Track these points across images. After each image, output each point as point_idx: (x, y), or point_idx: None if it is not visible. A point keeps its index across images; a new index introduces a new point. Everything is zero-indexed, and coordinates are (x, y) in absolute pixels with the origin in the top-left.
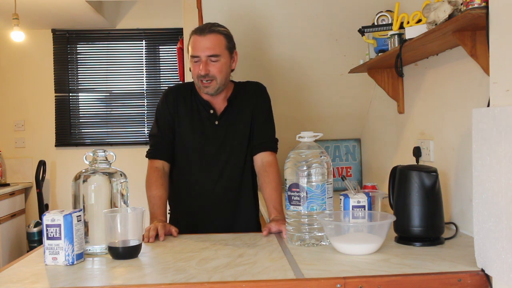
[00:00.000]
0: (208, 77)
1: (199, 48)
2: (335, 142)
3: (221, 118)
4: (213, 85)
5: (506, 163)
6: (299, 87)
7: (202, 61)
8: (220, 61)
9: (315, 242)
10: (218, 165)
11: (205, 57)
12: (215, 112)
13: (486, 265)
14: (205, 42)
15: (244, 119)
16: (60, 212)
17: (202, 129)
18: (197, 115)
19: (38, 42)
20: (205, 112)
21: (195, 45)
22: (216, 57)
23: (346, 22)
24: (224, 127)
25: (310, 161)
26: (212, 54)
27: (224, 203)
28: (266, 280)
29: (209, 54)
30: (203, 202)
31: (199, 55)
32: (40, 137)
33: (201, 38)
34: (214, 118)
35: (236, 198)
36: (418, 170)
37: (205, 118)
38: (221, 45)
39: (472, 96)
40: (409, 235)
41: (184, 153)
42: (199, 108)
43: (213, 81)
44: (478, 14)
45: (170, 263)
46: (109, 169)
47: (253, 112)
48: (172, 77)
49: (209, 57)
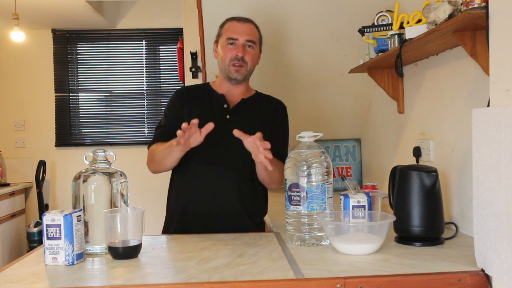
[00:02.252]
0: (242, 61)
1: (238, 31)
2: (335, 142)
3: (234, 114)
4: (243, 70)
5: (506, 163)
6: (299, 87)
7: (240, 43)
8: (254, 49)
9: (315, 242)
10: (224, 159)
11: (243, 40)
12: (229, 107)
13: (486, 265)
14: (245, 27)
15: (260, 122)
16: (60, 212)
17: (212, 120)
18: (209, 107)
19: (38, 42)
20: (218, 105)
21: (234, 29)
22: (253, 43)
23: (346, 22)
24: (235, 123)
25: (310, 161)
26: (250, 39)
27: (232, 198)
28: (266, 280)
29: (248, 39)
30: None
31: (238, 38)
32: (40, 137)
33: (240, 24)
34: (226, 112)
35: (244, 194)
36: (418, 170)
37: (217, 110)
38: (257, 36)
39: (472, 96)
40: (409, 235)
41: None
42: (212, 101)
43: (244, 67)
44: (478, 14)
45: (170, 263)
46: (109, 169)
47: (272, 122)
48: (172, 77)
49: (247, 42)
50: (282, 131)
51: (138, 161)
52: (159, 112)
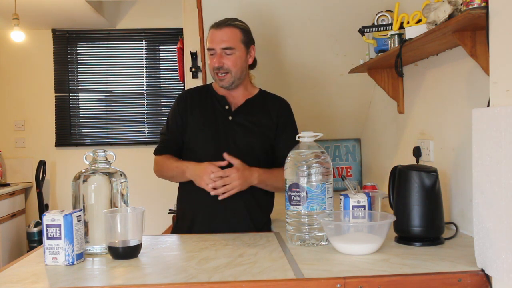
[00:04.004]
0: (223, 70)
1: (214, 41)
2: (335, 142)
3: (236, 115)
4: (228, 78)
5: (506, 163)
6: (299, 87)
7: (217, 53)
8: (234, 54)
9: (315, 242)
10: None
11: (219, 49)
12: (230, 108)
13: (486, 265)
14: (220, 35)
15: (265, 123)
16: (60, 212)
17: (214, 123)
18: (211, 109)
19: (38, 42)
20: (220, 107)
21: (211, 38)
22: (230, 49)
23: (346, 22)
24: (237, 124)
25: (310, 161)
26: (226, 46)
27: (234, 200)
28: (266, 280)
29: (223, 47)
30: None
31: (214, 48)
32: (40, 137)
33: (217, 31)
34: (228, 114)
35: (248, 197)
36: (418, 170)
37: (218, 113)
38: (236, 39)
39: (472, 96)
40: (409, 235)
41: (195, 147)
42: (214, 103)
43: (228, 74)
44: (478, 14)
45: (170, 263)
46: (109, 169)
47: (277, 124)
48: (172, 77)
49: (224, 49)
50: (290, 132)
51: (138, 161)
52: (159, 112)
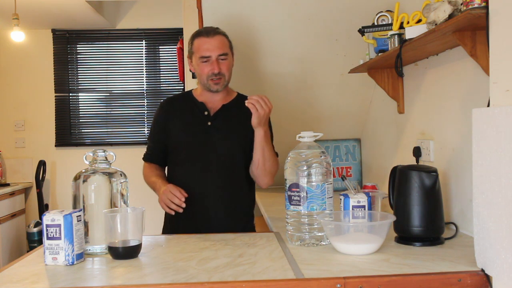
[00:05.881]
0: (219, 75)
1: (210, 48)
2: (335, 142)
3: (215, 120)
4: (222, 82)
5: (506, 163)
6: (299, 87)
7: (213, 60)
8: (228, 59)
9: (315, 242)
10: (207, 165)
11: (216, 56)
12: (209, 114)
13: (486, 265)
14: (214, 42)
15: (240, 125)
16: (60, 212)
17: (194, 129)
18: (190, 116)
19: (38, 42)
20: (199, 113)
21: (205, 46)
22: (225, 55)
23: (346, 22)
24: (217, 129)
25: (310, 161)
26: (222, 53)
27: (217, 204)
28: (266, 280)
29: (219, 53)
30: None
31: (211, 55)
32: (40, 137)
33: (209, 39)
34: (207, 119)
35: (229, 199)
36: (418, 170)
37: (198, 118)
38: (227, 45)
39: (472, 96)
40: (409, 235)
41: (177, 152)
42: (194, 109)
43: (222, 78)
44: (478, 14)
45: (170, 263)
46: (109, 169)
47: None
48: (172, 77)
49: (220, 56)
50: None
51: (138, 161)
52: None
